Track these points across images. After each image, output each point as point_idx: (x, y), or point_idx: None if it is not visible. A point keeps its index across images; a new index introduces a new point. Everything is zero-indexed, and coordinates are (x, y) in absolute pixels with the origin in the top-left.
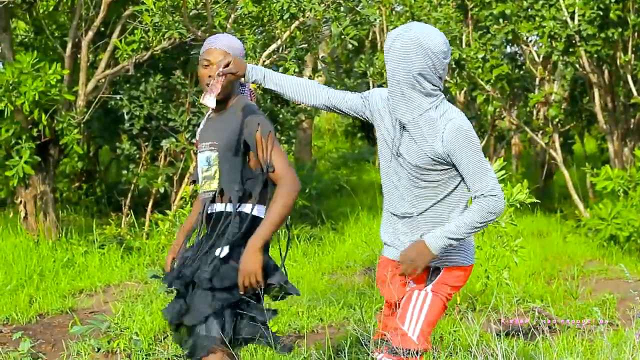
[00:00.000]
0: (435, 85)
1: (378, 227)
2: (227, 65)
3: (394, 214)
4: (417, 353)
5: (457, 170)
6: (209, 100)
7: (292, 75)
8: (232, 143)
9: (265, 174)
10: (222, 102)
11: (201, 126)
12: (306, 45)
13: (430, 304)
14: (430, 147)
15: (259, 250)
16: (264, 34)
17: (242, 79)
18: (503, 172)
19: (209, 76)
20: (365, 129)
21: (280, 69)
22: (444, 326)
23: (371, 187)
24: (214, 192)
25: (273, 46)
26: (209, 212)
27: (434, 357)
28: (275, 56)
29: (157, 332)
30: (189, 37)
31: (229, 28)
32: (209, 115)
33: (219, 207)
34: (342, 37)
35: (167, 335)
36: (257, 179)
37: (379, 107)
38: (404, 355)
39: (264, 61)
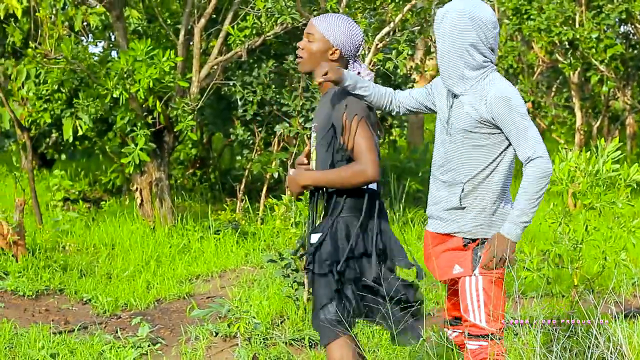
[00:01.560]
0: (487, 57)
1: None
2: (326, 74)
3: (443, 182)
4: (492, 335)
5: (503, 135)
6: None
7: (405, 57)
8: (325, 126)
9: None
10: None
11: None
12: (418, 27)
13: (484, 288)
14: (476, 111)
15: (301, 184)
16: (376, 17)
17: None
18: (618, 152)
19: (298, 47)
20: None
21: (394, 52)
22: (560, 309)
23: None
24: None
25: (385, 29)
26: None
27: (553, 338)
28: (387, 39)
29: (274, 316)
30: (301, 21)
31: (341, 12)
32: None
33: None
34: None
35: (284, 320)
36: (346, 162)
37: (439, 88)
38: (474, 337)
39: (377, 44)
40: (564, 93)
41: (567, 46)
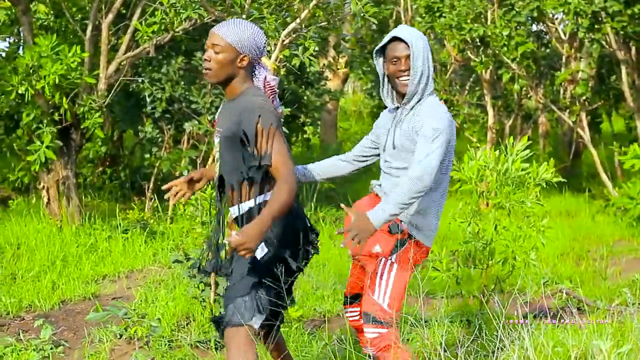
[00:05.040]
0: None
1: None
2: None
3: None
4: (388, 322)
5: None
6: None
7: (313, 53)
8: (233, 132)
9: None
10: (225, 88)
11: (219, 109)
12: (326, 23)
13: (395, 275)
14: (412, 127)
15: (256, 238)
16: (282, 12)
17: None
18: (527, 151)
19: (204, 59)
20: None
21: (300, 48)
22: (470, 308)
23: None
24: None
25: (292, 25)
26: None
27: (459, 341)
28: (294, 35)
29: (180, 317)
30: (209, 17)
31: (247, 8)
32: (225, 100)
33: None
34: (362, 15)
35: (190, 321)
36: (259, 167)
37: (381, 117)
38: (373, 322)
39: (283, 40)
40: (477, 91)
41: (479, 44)
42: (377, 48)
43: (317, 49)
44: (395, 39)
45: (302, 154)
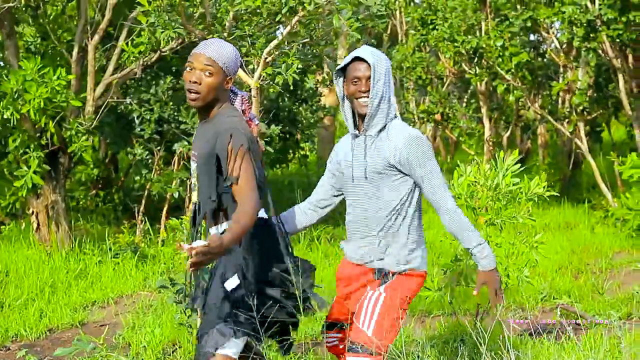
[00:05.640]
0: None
1: None
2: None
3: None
4: (373, 351)
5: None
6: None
7: (295, 71)
8: (207, 155)
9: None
10: (205, 111)
11: (195, 133)
12: (308, 39)
13: (383, 303)
14: (385, 155)
15: (223, 248)
16: (264, 30)
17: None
18: (518, 165)
19: (192, 82)
20: None
21: (283, 65)
22: (465, 328)
23: None
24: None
25: (273, 42)
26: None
27: None
28: (277, 52)
29: (166, 344)
30: (198, 37)
31: (228, 26)
32: (200, 122)
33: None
34: (344, 30)
35: (176, 349)
36: (231, 193)
37: (338, 151)
38: (361, 351)
39: (265, 58)
40: (473, 104)
41: (472, 55)
42: (337, 68)
43: (299, 66)
44: (357, 59)
45: (298, 172)
